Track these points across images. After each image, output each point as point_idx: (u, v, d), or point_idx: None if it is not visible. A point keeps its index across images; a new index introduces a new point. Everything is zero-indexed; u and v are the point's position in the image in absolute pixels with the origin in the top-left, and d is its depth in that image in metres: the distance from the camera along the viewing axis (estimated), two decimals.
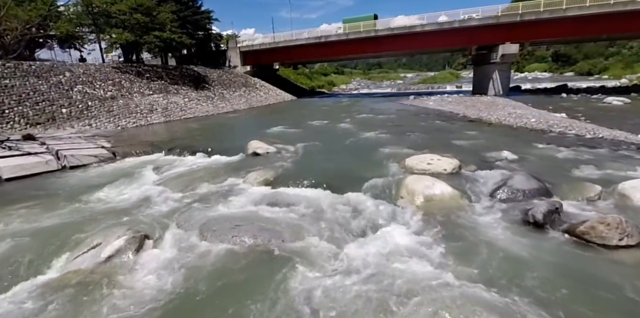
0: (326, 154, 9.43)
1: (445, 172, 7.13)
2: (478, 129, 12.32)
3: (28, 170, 8.71)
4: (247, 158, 9.39)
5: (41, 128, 13.96)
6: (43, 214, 5.99)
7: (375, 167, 7.97)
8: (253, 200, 6.26)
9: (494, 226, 4.96)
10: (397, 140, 10.67)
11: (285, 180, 7.27)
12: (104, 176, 8.40)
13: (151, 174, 8.42)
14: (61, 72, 17.53)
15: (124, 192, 7.04)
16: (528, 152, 8.53)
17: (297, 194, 6.48)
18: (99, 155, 10.02)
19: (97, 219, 5.64)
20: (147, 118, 17.85)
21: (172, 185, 7.32)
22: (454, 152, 8.58)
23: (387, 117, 16.57)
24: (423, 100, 25.44)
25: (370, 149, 9.57)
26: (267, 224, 5.15)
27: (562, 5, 24.35)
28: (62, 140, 11.84)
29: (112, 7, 21.41)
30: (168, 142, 12.13)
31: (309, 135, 12.36)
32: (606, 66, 56.86)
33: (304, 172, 7.78)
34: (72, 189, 7.40)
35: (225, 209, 5.89)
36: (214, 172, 8.19)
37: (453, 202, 5.89)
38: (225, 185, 7.22)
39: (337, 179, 7.22)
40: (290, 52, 34.34)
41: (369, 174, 7.47)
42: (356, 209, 5.77)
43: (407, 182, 6.37)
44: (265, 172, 7.67)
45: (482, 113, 15.84)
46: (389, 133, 11.96)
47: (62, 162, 9.44)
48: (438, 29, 28.11)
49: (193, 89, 24.16)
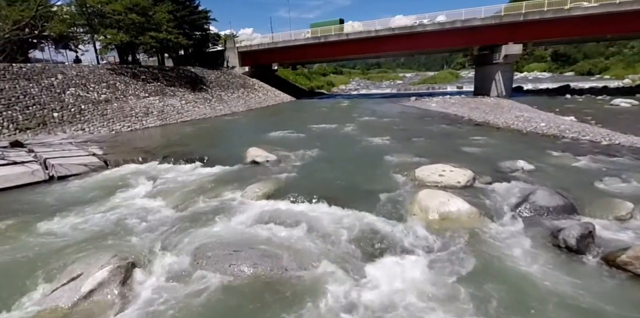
0: (330, 162, 8.92)
1: (459, 184, 6.64)
2: (486, 134, 11.83)
3: (12, 182, 8.17)
4: (246, 167, 8.88)
5: (31, 133, 13.41)
6: (21, 235, 5.46)
7: (383, 178, 7.47)
8: (252, 218, 5.75)
9: (520, 252, 4.46)
10: (404, 147, 10.18)
11: (286, 194, 6.76)
12: (93, 188, 7.87)
13: (144, 186, 7.90)
14: (53, 75, 16.97)
15: (113, 207, 6.51)
16: (544, 161, 8.04)
17: (300, 211, 5.97)
18: (90, 164, 9.48)
19: (81, 242, 5.11)
20: (143, 121, 17.30)
21: (166, 200, 6.81)
22: (465, 162, 8.11)
23: (390, 121, 16.07)
24: (425, 102, 24.97)
25: (376, 158, 9.06)
26: (268, 249, 4.64)
27: (566, 5, 23.89)
28: (52, 147, 11.30)
29: (107, 7, 20.83)
30: (163, 149, 11.60)
31: (310, 141, 11.85)
32: (607, 66, 56.54)
33: (306, 184, 7.29)
34: (56, 204, 6.87)
35: (222, 229, 5.37)
36: (211, 184, 7.67)
37: (471, 220, 5.40)
38: (222, 200, 6.71)
39: (343, 193, 6.72)
40: (289, 52, 33.81)
41: (376, 187, 6.98)
42: (365, 230, 5.27)
43: (419, 197, 5.87)
44: (265, 184, 7.16)
45: (488, 116, 15.36)
46: (394, 138, 11.46)
47: (50, 172, 8.90)
48: (440, 29, 27.63)
49: (190, 91, 23.61)
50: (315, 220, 5.57)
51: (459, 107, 19.61)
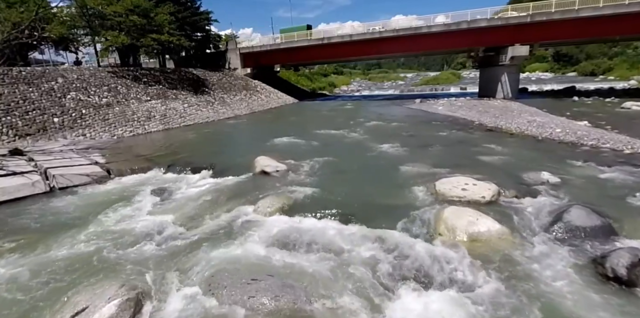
0: (342, 173, 8.56)
1: (484, 200, 6.28)
2: (500, 140, 11.47)
3: (11, 194, 7.81)
4: (255, 178, 8.52)
5: (31, 140, 13.05)
6: (19, 257, 5.11)
7: (401, 191, 7.11)
8: (267, 239, 5.38)
9: (563, 283, 4.09)
10: (417, 156, 9.81)
11: (300, 210, 6.41)
12: (96, 202, 7.51)
13: (149, 199, 7.53)
14: (53, 78, 16.61)
15: (118, 225, 6.14)
16: (568, 173, 7.68)
17: (318, 229, 5.61)
18: (92, 173, 9.11)
19: (85, 266, 4.76)
20: (145, 126, 16.94)
21: (173, 216, 6.44)
22: (484, 173, 7.76)
23: (398, 125, 15.71)
24: (431, 104, 24.61)
25: (391, 168, 8.71)
26: (288, 277, 4.29)
27: (574, 6, 23.52)
28: (53, 154, 10.94)
29: (108, 9, 20.46)
30: (167, 156, 11.25)
31: (318, 148, 11.50)
32: (610, 66, 56.12)
33: (320, 198, 6.93)
34: (57, 220, 6.51)
35: (236, 253, 5.01)
36: (220, 197, 7.31)
37: (502, 243, 5.04)
38: (234, 216, 6.34)
39: (360, 208, 6.37)
40: (292, 53, 33.43)
41: (395, 202, 6.64)
42: (389, 252, 4.91)
43: (445, 215, 5.52)
44: (278, 198, 6.80)
45: (499, 121, 15.00)
46: (405, 146, 11.10)
47: (51, 183, 8.55)
48: (445, 30, 27.25)
49: (192, 94, 23.25)
50: (335, 242, 5.21)
51: (467, 111, 19.24)
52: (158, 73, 23.51)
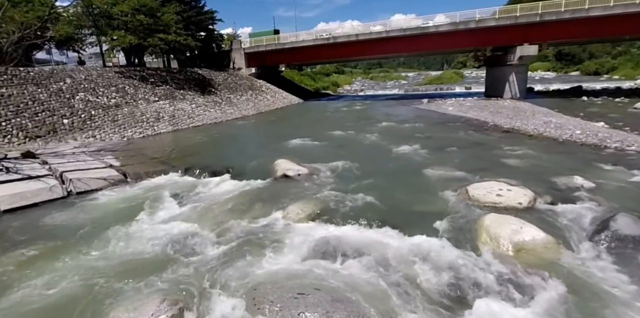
0: (366, 177, 8.37)
1: (521, 206, 6.11)
2: (521, 142, 11.29)
3: (29, 200, 7.62)
4: (278, 182, 8.33)
5: (41, 141, 12.85)
6: (46, 267, 4.90)
7: (432, 196, 6.93)
8: (303, 247, 5.20)
9: (619, 293, 3.92)
10: (439, 159, 9.63)
11: (331, 215, 6.23)
12: (116, 207, 7.32)
13: (172, 204, 7.35)
14: (62, 79, 16.40)
15: (145, 233, 5.94)
16: (600, 177, 7.50)
17: (354, 237, 5.43)
18: (109, 177, 8.92)
19: (120, 280, 4.57)
20: (154, 127, 16.73)
21: (200, 222, 6.25)
22: (513, 177, 7.59)
23: (411, 126, 15.51)
24: (439, 105, 24.42)
25: (415, 171, 8.53)
26: (335, 290, 4.10)
27: (584, 5, 23.33)
28: (66, 157, 10.74)
29: (114, 8, 20.23)
30: (182, 159, 11.05)
31: (335, 150, 11.31)
32: (614, 66, 56.03)
33: (350, 203, 6.75)
34: (80, 227, 6.30)
35: (274, 263, 4.82)
36: (245, 202, 7.13)
37: (549, 252, 4.86)
38: (263, 222, 6.17)
39: (394, 214, 6.19)
40: (296, 53, 33.21)
41: (428, 207, 6.46)
42: (434, 262, 4.73)
43: (486, 223, 5.34)
44: (307, 204, 6.62)
45: (514, 122, 14.82)
46: (424, 148, 10.91)
47: (68, 187, 8.35)
48: (453, 30, 27.06)
49: (199, 94, 23.04)
50: (375, 251, 5.03)
51: (478, 111, 19.05)
52: (164, 73, 23.30)
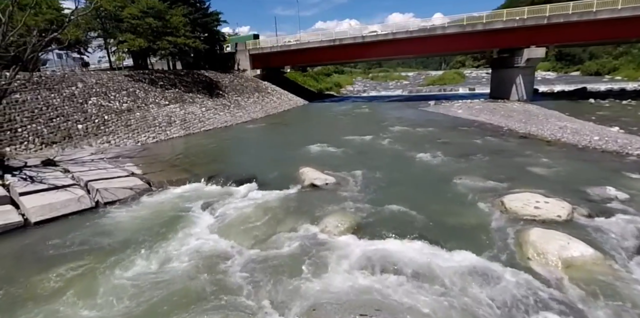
0: (394, 186, 8.36)
1: (560, 219, 6.11)
2: (540, 149, 11.31)
3: (58, 211, 7.57)
4: (307, 192, 8.30)
5: (57, 148, 12.77)
6: (92, 285, 4.84)
7: (466, 208, 6.93)
8: (350, 263, 5.20)
9: None
10: (464, 167, 9.63)
11: (371, 228, 6.23)
12: (147, 219, 7.26)
13: (203, 215, 7.32)
14: (73, 83, 16.30)
15: (183, 247, 5.91)
16: (632, 187, 7.52)
17: (399, 253, 5.42)
18: (134, 187, 8.86)
19: (172, 297, 4.54)
20: (167, 132, 16.67)
21: (237, 237, 6.22)
22: (544, 187, 7.61)
23: (426, 131, 15.51)
24: (447, 107, 24.42)
25: (443, 180, 8.52)
26: (398, 311, 4.09)
27: (592, 8, 23.36)
28: (86, 165, 10.68)
29: (124, 11, 20.12)
30: (202, 166, 11.00)
31: (356, 157, 11.29)
32: (615, 66, 56.15)
33: (386, 215, 6.74)
34: (113, 242, 6.24)
35: (325, 280, 4.81)
36: (278, 214, 7.11)
37: (599, 268, 4.87)
38: (302, 236, 6.14)
39: (432, 227, 6.18)
40: (302, 54, 33.10)
41: (465, 220, 6.46)
42: (484, 279, 4.74)
43: (532, 238, 5.34)
44: (344, 216, 6.60)
45: (528, 126, 14.83)
46: (444, 155, 10.90)
47: (95, 197, 8.30)
48: (460, 32, 27.04)
49: (208, 97, 22.96)
50: (423, 267, 5.02)
51: (489, 115, 19.07)
52: (172, 76, 23.20)
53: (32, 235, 6.79)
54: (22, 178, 8.92)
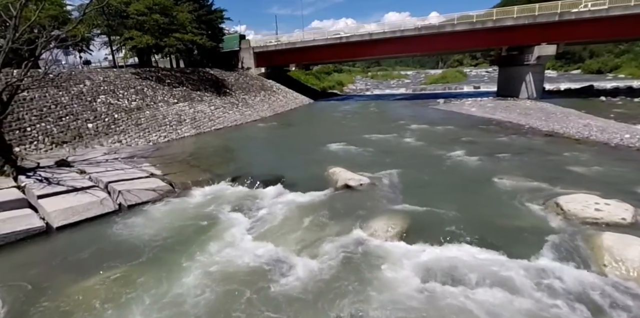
0: (433, 186, 7.98)
1: (625, 221, 5.74)
2: (572, 148, 10.97)
3: (81, 214, 7.12)
4: (342, 193, 7.88)
5: (68, 147, 12.27)
6: (124, 303, 4.38)
7: (519, 210, 6.55)
8: (410, 271, 4.82)
9: None
10: (499, 166, 9.27)
11: (422, 233, 5.83)
12: (176, 222, 6.84)
13: (236, 219, 6.90)
14: (81, 81, 15.78)
15: (224, 256, 5.47)
16: None
17: (459, 259, 5.03)
18: (157, 188, 8.43)
19: (228, 312, 4.12)
20: (177, 131, 16.19)
21: (278, 242, 5.81)
22: (591, 187, 7.25)
23: (446, 129, 15.14)
24: (459, 105, 24.08)
25: (482, 180, 8.14)
26: None
27: (604, 5, 23.10)
28: (101, 165, 10.21)
29: (130, 7, 19.58)
30: (222, 166, 10.58)
31: (382, 157, 10.89)
32: (617, 64, 56.14)
33: (434, 218, 6.34)
34: (148, 248, 5.82)
35: (388, 290, 4.42)
36: (317, 217, 6.69)
37: None
38: (351, 241, 5.73)
39: (487, 231, 5.79)
40: (307, 52, 32.63)
41: (521, 223, 6.08)
42: (564, 290, 4.37)
43: (607, 243, 4.96)
44: (391, 219, 6.20)
45: (550, 124, 14.51)
46: (474, 154, 10.53)
47: (117, 199, 7.85)
48: (469, 29, 26.71)
49: (216, 95, 22.48)
50: (491, 275, 4.64)
51: (505, 112, 18.74)
52: (179, 74, 22.68)
53: (56, 241, 6.36)
54: (38, 180, 8.45)
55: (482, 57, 78.23)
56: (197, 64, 30.91)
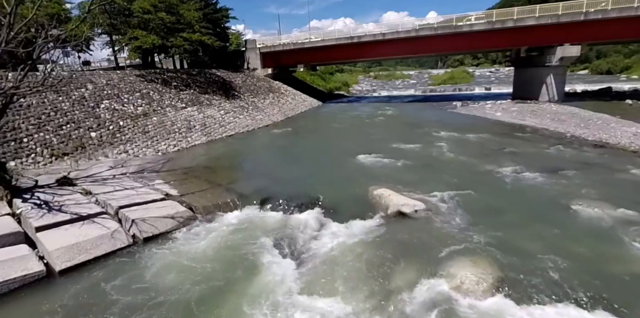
0: (503, 214, 6.81)
1: None
2: (633, 161, 9.82)
3: (89, 253, 5.91)
4: (396, 223, 6.69)
5: (70, 160, 11.04)
6: None
7: (624, 249, 5.39)
8: None
9: None
10: (567, 187, 8.07)
11: (519, 285, 4.65)
12: (202, 263, 5.66)
13: (275, 258, 5.73)
14: (82, 84, 14.54)
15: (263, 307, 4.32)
16: None
17: None
18: (176, 215, 7.21)
19: None
20: (188, 139, 14.96)
21: (334, 294, 4.71)
22: None
23: (479, 138, 13.95)
24: (479, 109, 22.92)
25: (558, 206, 6.97)
26: None
27: (633, 3, 21.94)
28: (108, 183, 8.99)
29: (134, 5, 18.32)
30: (246, 184, 9.35)
31: (424, 172, 9.72)
32: (628, 65, 55.09)
33: (525, 262, 5.15)
34: (167, 297, 4.67)
35: None
36: (378, 257, 5.50)
37: None
38: (432, 298, 4.55)
39: (599, 282, 4.63)
40: (315, 53, 31.41)
41: (634, 269, 4.90)
42: None
43: None
44: (477, 266, 5.00)
45: (595, 133, 13.36)
46: (528, 169, 9.33)
47: (130, 230, 6.65)
48: (488, 29, 25.51)
49: (224, 98, 21.23)
50: None
51: (534, 118, 17.59)
52: (185, 76, 21.41)
53: (59, 289, 5.16)
54: (36, 205, 7.25)
55: (501, 58, 77.02)
56: (202, 64, 29.62)
